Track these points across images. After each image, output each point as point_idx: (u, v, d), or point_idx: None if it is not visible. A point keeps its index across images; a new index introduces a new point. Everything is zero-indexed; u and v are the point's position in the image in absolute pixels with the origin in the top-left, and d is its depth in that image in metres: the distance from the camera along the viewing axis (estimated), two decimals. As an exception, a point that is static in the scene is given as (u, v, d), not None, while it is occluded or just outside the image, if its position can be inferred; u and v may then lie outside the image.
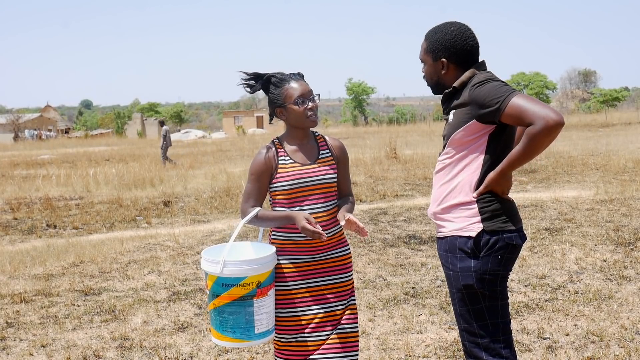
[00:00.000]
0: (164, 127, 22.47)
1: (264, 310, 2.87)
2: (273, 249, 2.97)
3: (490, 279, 2.68)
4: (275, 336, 3.03)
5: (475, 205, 2.70)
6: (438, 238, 2.86)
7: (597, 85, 77.54)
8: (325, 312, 3.02)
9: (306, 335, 3.00)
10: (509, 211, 2.72)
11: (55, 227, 10.39)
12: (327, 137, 3.18)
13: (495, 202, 2.69)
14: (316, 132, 3.18)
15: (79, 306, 5.68)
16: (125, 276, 6.65)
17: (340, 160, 3.16)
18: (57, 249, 8.21)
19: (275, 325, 3.01)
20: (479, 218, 2.68)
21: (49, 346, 4.74)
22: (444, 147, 2.84)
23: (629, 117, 40.30)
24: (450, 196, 2.76)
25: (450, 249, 2.74)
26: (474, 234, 2.68)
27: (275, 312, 3.01)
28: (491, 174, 2.66)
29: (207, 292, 2.91)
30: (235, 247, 3.07)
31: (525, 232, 2.83)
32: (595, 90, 68.92)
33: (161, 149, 21.98)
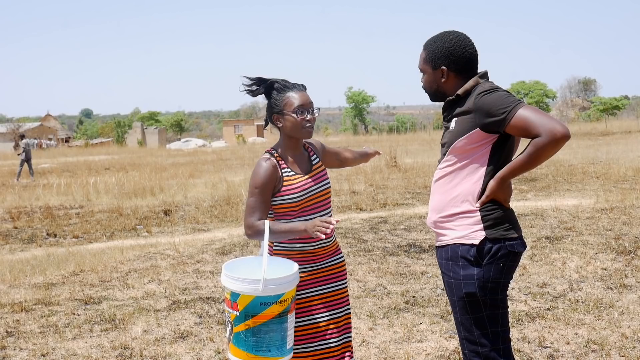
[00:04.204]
0: (24, 140, 22.35)
1: (293, 324, 2.84)
2: (289, 260, 2.91)
3: (493, 287, 2.69)
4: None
5: (478, 213, 2.70)
6: (438, 247, 2.85)
7: (597, 93, 77.71)
8: (329, 320, 3.04)
9: (315, 344, 3.01)
10: (510, 219, 2.73)
11: (55, 236, 10.40)
12: (308, 143, 3.19)
13: (497, 210, 2.69)
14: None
15: (79, 315, 5.67)
16: (125, 285, 6.65)
17: (324, 153, 3.22)
18: (57, 258, 8.21)
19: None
20: (481, 226, 2.68)
21: (49, 355, 4.73)
22: (443, 155, 2.83)
23: (629, 125, 40.36)
24: (452, 204, 2.75)
25: (452, 256, 2.74)
26: (477, 242, 2.67)
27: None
28: (492, 182, 2.67)
29: (232, 313, 2.77)
30: (250, 263, 2.99)
31: (525, 240, 2.83)
32: (595, 99, 69.01)
33: (20, 157, 21.66)
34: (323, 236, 2.76)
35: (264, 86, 3.06)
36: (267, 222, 2.90)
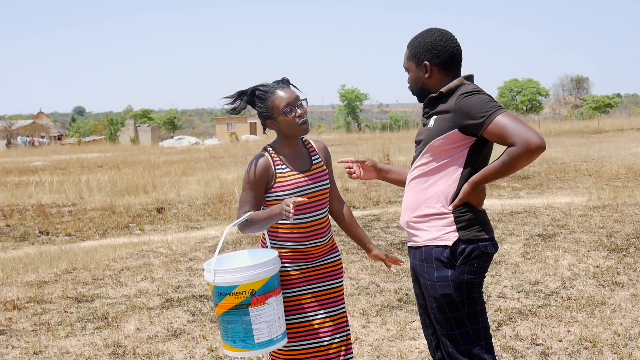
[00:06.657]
0: None
1: (263, 319, 2.80)
2: (271, 257, 2.88)
3: (468, 287, 2.70)
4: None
5: (451, 215, 2.69)
6: (411, 248, 2.84)
7: (589, 91, 77.94)
8: (323, 318, 3.03)
9: (307, 342, 3.01)
10: (482, 221, 2.74)
11: (48, 234, 10.36)
12: (312, 141, 3.18)
13: (469, 212, 2.70)
14: (302, 137, 3.17)
15: (71, 313, 5.66)
16: (118, 283, 6.63)
17: (327, 162, 3.17)
18: (50, 256, 8.18)
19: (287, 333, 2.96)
20: (454, 227, 2.68)
21: (41, 353, 4.71)
22: (419, 152, 2.79)
23: (621, 123, 40.54)
24: (426, 205, 2.74)
25: (426, 258, 2.74)
26: (450, 243, 2.68)
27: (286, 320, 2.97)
28: (465, 186, 2.66)
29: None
30: (238, 255, 3.08)
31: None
32: (587, 97, 69.16)
33: None
34: (290, 216, 2.73)
35: (245, 98, 3.03)
36: (249, 213, 2.94)
